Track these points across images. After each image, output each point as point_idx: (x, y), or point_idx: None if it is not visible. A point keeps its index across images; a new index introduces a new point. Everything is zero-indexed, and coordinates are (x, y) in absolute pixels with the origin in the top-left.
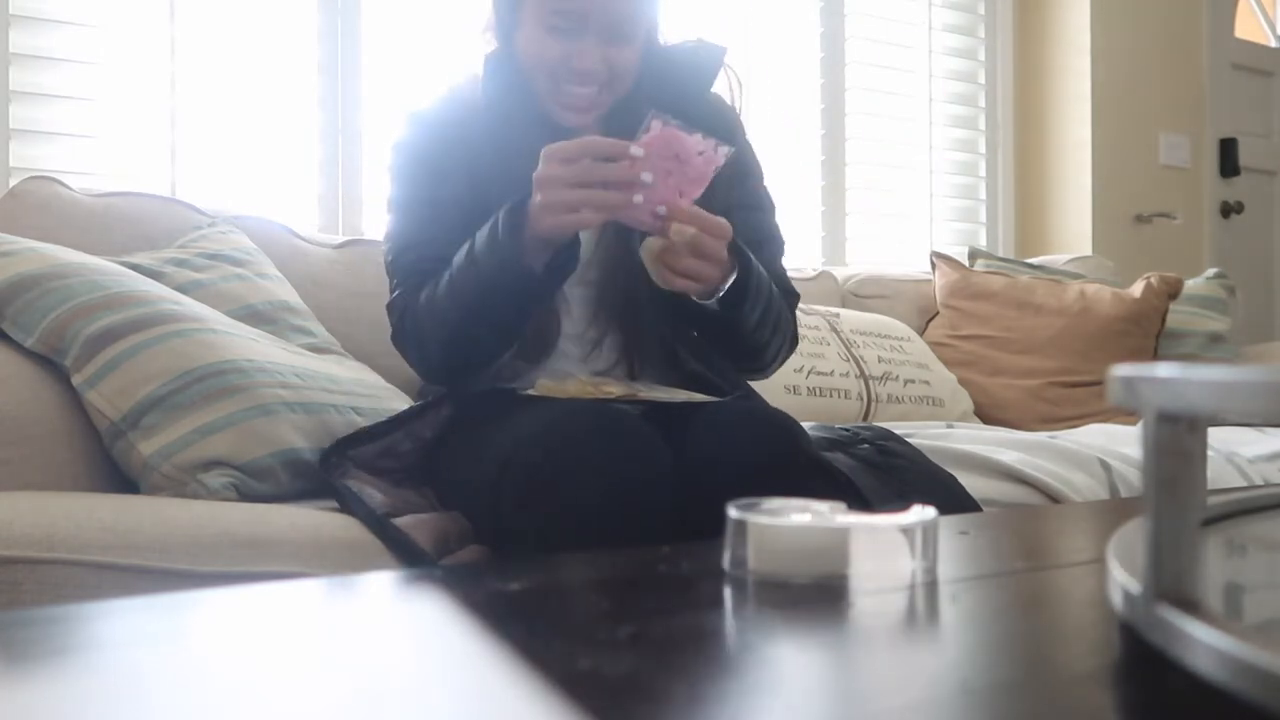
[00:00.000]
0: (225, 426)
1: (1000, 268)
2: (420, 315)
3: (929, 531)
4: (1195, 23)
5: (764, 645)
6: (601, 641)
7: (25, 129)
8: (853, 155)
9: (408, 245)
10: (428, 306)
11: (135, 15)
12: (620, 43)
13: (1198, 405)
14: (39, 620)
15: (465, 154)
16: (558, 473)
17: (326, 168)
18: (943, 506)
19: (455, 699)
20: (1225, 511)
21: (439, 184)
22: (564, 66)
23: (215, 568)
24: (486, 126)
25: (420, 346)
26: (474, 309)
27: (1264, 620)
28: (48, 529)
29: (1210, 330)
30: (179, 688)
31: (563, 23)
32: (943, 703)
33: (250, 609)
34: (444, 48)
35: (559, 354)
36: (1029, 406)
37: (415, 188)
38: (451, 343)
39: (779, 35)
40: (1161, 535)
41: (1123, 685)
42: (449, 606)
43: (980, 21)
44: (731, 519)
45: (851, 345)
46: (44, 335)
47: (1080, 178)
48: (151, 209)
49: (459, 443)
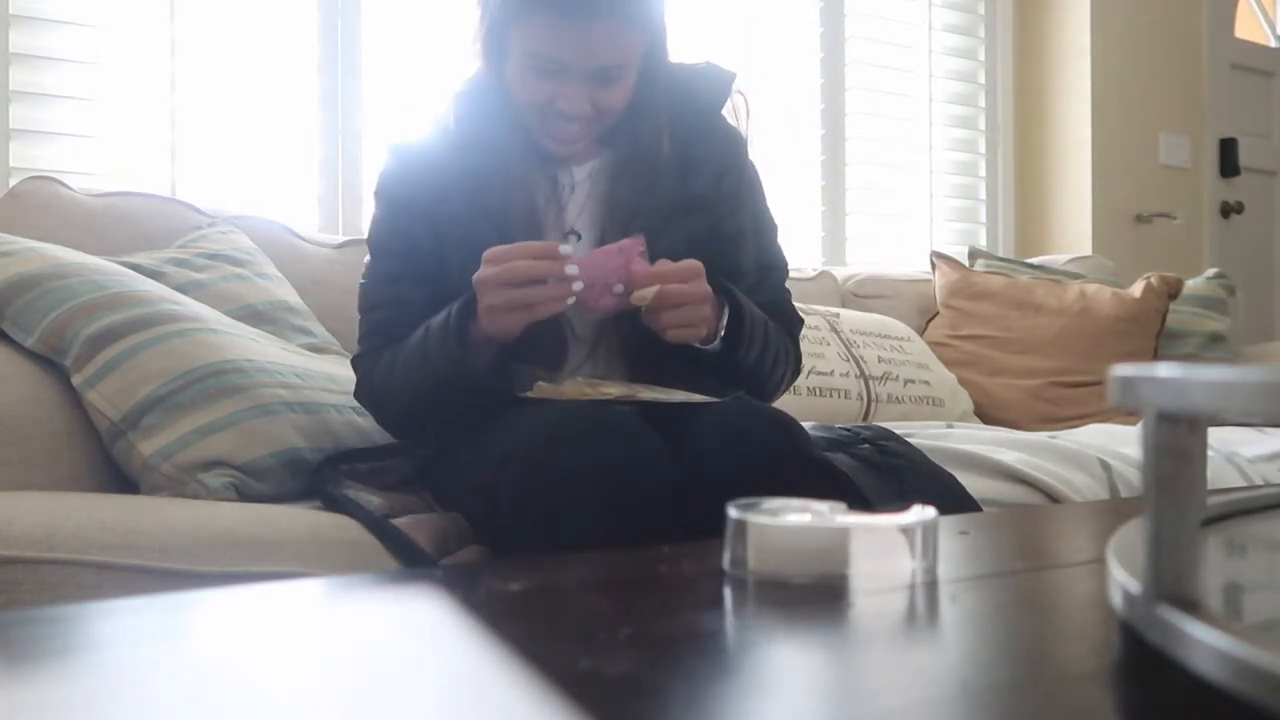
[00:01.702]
0: (225, 426)
1: (1000, 268)
2: (378, 384)
3: (929, 531)
4: (1195, 23)
5: (764, 645)
6: (601, 641)
7: (25, 129)
8: (853, 155)
9: (378, 302)
10: (385, 379)
11: (135, 15)
12: (608, 85)
13: (1198, 405)
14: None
15: (441, 191)
16: (556, 473)
17: (326, 168)
18: (943, 506)
19: (455, 699)
20: (1225, 511)
21: (413, 230)
22: (550, 106)
23: (215, 568)
24: (464, 161)
25: (379, 410)
26: (425, 396)
27: (1264, 620)
28: (48, 529)
29: (1210, 330)
30: (179, 688)
31: (546, 65)
32: (943, 703)
33: (250, 609)
34: (444, 48)
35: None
36: (1029, 406)
37: (390, 234)
38: (407, 415)
39: (779, 35)
40: (1161, 535)
41: (1123, 685)
42: (449, 606)
43: (980, 21)
44: (731, 519)
45: (851, 345)
46: (44, 335)
47: (1080, 178)
48: (151, 209)
49: (457, 444)
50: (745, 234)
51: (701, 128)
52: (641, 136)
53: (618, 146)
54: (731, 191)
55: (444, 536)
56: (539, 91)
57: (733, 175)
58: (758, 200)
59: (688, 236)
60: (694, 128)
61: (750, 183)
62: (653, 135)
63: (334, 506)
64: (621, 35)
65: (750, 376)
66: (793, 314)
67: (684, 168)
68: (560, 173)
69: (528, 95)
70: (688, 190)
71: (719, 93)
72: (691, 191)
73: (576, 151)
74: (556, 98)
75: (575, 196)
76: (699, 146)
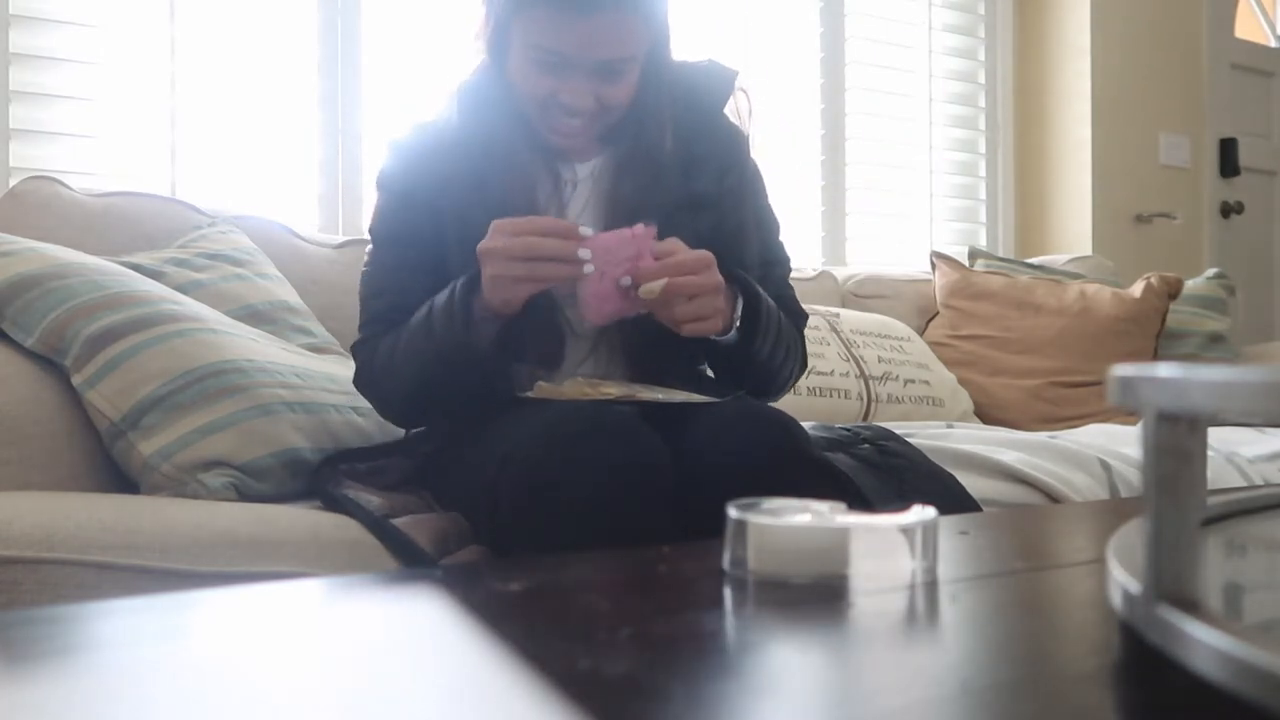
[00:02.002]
0: (225, 426)
1: (1000, 268)
2: (378, 369)
3: (929, 531)
4: (1195, 23)
5: (764, 645)
6: (601, 641)
7: (25, 129)
8: (853, 155)
9: (379, 290)
10: (386, 363)
11: (135, 15)
12: (612, 80)
13: (1198, 405)
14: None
15: (442, 183)
16: (557, 473)
17: (326, 168)
18: (943, 506)
19: (455, 699)
20: (1225, 511)
21: (414, 220)
22: (552, 99)
23: (215, 568)
24: (465, 155)
25: (379, 395)
26: (428, 377)
27: (1264, 620)
28: (48, 529)
29: (1210, 330)
30: (179, 688)
31: (548, 57)
32: (943, 703)
33: (250, 609)
34: (444, 47)
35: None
36: (1029, 406)
37: (392, 224)
38: (410, 398)
39: (779, 35)
40: (1161, 535)
41: (1123, 685)
42: (449, 606)
43: (980, 21)
44: (731, 519)
45: (851, 345)
46: (44, 335)
47: (1080, 178)
48: (151, 209)
49: (457, 444)
50: (748, 230)
51: (704, 125)
52: (645, 134)
53: (620, 144)
54: (734, 189)
55: (444, 536)
56: (541, 85)
57: (735, 173)
58: (760, 197)
59: (692, 235)
60: (697, 125)
61: (752, 180)
62: (656, 133)
63: (334, 506)
64: (624, 29)
65: (762, 370)
66: (798, 310)
67: (687, 165)
68: (563, 169)
69: (530, 88)
70: (691, 188)
71: (722, 91)
72: (695, 189)
73: (578, 146)
74: (559, 91)
75: (577, 194)
76: (702, 144)
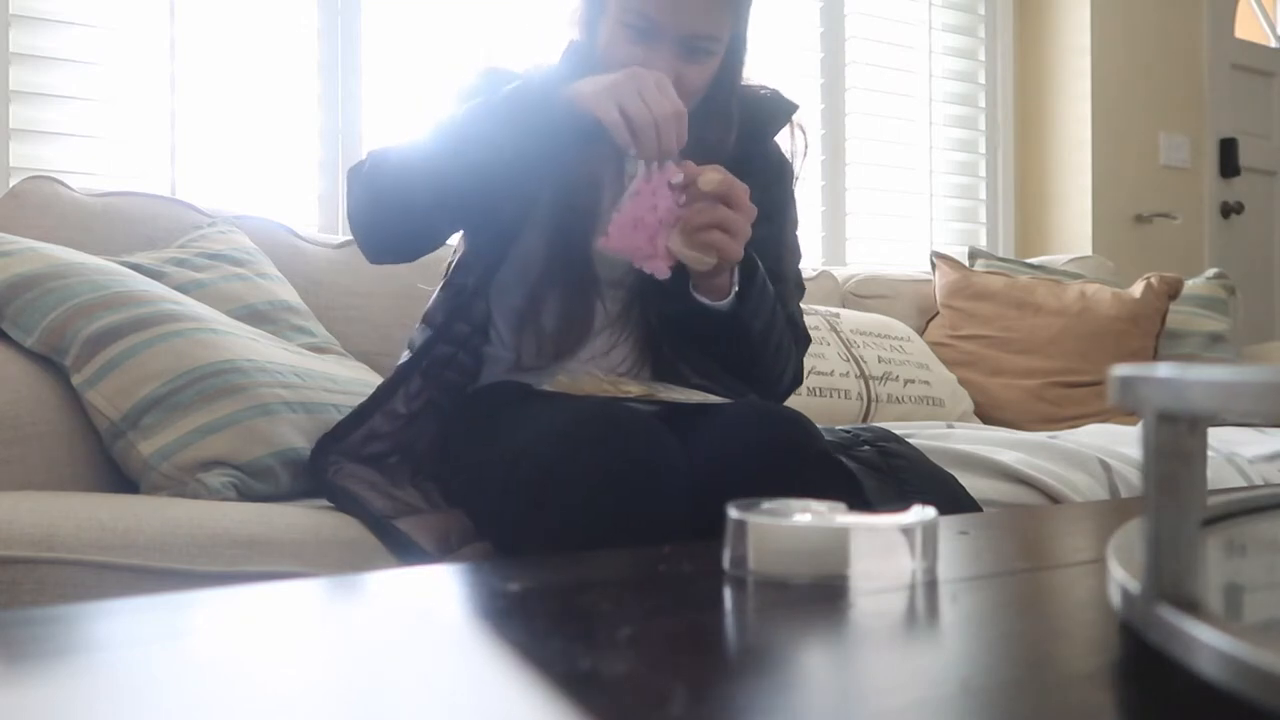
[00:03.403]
0: (225, 426)
1: (1000, 268)
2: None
3: (929, 531)
4: (1195, 23)
5: (764, 645)
6: (601, 641)
7: (25, 129)
8: (853, 155)
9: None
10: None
11: (135, 15)
12: (696, 59)
13: (1198, 405)
14: (39, 620)
15: None
16: (572, 471)
17: (326, 168)
18: (943, 506)
19: (455, 699)
20: (1225, 511)
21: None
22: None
23: (215, 568)
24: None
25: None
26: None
27: (1264, 620)
28: (48, 529)
29: (1210, 330)
30: (179, 688)
31: (640, 23)
32: (943, 703)
33: (250, 609)
34: (444, 47)
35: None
36: (1029, 406)
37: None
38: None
39: (779, 35)
40: (1161, 535)
41: (1123, 685)
42: (449, 606)
43: (980, 21)
44: (731, 519)
45: (851, 345)
46: (44, 335)
47: (1080, 178)
48: (151, 209)
49: (472, 435)
50: (768, 244)
51: (757, 149)
52: (710, 130)
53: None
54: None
55: (445, 536)
56: (629, 53)
57: (775, 191)
58: (793, 225)
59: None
60: (749, 148)
61: (784, 203)
62: (722, 130)
63: (335, 497)
64: (713, 4)
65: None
66: (803, 331)
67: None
68: (627, 164)
69: (617, 56)
70: None
71: (779, 119)
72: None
73: None
74: (643, 61)
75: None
76: (752, 162)
